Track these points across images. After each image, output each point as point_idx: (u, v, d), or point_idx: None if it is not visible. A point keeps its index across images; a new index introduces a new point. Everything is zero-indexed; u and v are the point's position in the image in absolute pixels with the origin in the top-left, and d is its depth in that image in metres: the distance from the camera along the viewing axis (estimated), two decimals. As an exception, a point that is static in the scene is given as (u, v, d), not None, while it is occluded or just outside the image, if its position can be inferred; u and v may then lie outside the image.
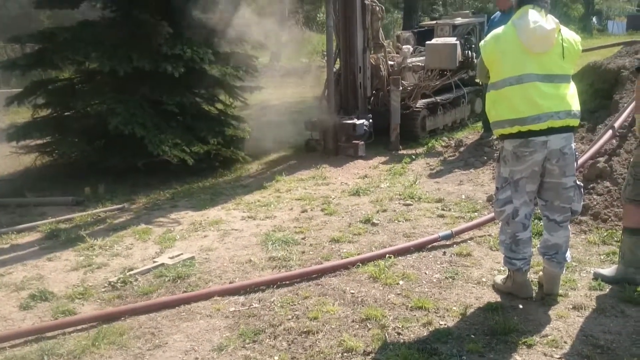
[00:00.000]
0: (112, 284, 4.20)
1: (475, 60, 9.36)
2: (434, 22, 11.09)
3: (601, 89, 6.76)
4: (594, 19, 40.61)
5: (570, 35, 3.52)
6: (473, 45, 9.79)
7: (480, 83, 8.64)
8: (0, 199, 6.68)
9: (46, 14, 10.30)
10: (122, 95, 7.38)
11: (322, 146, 8.70)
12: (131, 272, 4.37)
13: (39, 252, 5.03)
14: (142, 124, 7.17)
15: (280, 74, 18.38)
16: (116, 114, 6.98)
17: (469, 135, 8.82)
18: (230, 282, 4.14)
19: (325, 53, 9.88)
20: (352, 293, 3.85)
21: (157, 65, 7.44)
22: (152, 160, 7.32)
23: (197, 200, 6.63)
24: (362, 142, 8.46)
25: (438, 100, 9.49)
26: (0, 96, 9.74)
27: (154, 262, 4.60)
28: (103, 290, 4.14)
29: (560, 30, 3.46)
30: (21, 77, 7.81)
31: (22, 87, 8.31)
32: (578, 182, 3.62)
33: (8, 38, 7.92)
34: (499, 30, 3.60)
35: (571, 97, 3.47)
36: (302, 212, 5.91)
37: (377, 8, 9.18)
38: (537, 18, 3.42)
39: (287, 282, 4.07)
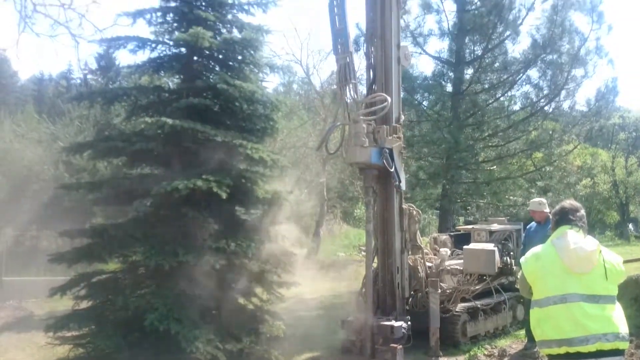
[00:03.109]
0: None
1: (514, 268, 9.34)
2: (471, 226, 11.32)
3: (647, 303, 6.56)
4: (631, 226, 40.68)
5: (612, 257, 3.54)
6: (511, 252, 9.83)
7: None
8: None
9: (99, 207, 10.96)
10: (162, 290, 7.50)
11: (358, 348, 8.39)
12: None
13: None
14: (178, 320, 7.16)
15: (316, 268, 18.57)
16: (154, 309, 7.04)
17: (513, 344, 8.47)
18: None
19: (361, 248, 10.05)
20: None
21: (199, 260, 7.66)
22: (183, 356, 7.17)
23: (226, 404, 6.31)
24: (401, 347, 8.14)
25: (479, 305, 9.28)
26: (43, 284, 10.04)
27: None
28: None
29: (601, 251, 3.49)
30: (67, 267, 8.09)
31: (65, 275, 8.57)
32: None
33: (60, 232, 8.40)
34: (538, 249, 3.67)
35: (618, 318, 3.39)
36: None
37: (414, 212, 9.49)
38: (577, 239, 3.48)
39: None
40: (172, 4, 8.87)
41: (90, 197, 8.52)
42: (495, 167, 18.17)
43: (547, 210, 7.88)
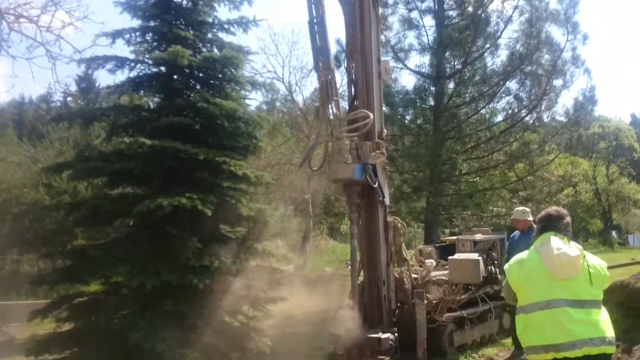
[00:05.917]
0: None
1: (499, 276, 9.37)
2: (455, 237, 11.36)
3: (632, 308, 6.62)
4: (614, 233, 41.19)
5: (596, 261, 3.56)
6: (495, 261, 9.87)
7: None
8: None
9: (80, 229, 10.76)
10: (146, 310, 7.40)
11: (346, 362, 8.32)
12: None
13: None
14: (163, 339, 7.06)
15: (303, 283, 18.44)
16: (138, 328, 6.93)
17: (500, 352, 8.48)
18: None
19: (348, 263, 10.01)
20: None
21: (183, 279, 7.56)
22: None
23: None
24: (389, 359, 8.09)
25: (465, 315, 9.27)
26: (25, 308, 9.83)
27: None
28: None
29: (585, 256, 3.51)
30: (48, 290, 7.95)
31: (47, 298, 8.42)
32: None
33: (41, 254, 8.28)
34: (523, 255, 3.67)
35: (604, 323, 3.40)
36: None
37: (399, 225, 9.49)
38: (560, 245, 3.50)
39: None
40: (152, 24, 8.86)
41: (71, 218, 8.40)
42: (477, 178, 18.31)
43: (530, 218, 7.94)
